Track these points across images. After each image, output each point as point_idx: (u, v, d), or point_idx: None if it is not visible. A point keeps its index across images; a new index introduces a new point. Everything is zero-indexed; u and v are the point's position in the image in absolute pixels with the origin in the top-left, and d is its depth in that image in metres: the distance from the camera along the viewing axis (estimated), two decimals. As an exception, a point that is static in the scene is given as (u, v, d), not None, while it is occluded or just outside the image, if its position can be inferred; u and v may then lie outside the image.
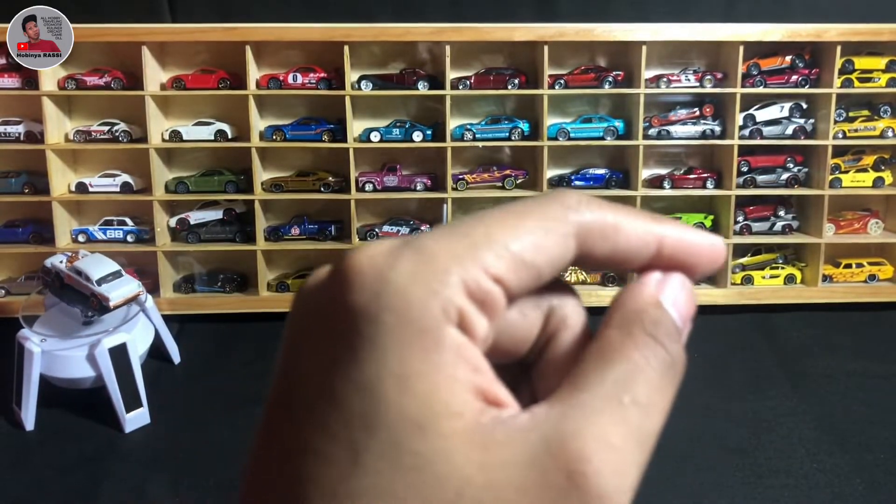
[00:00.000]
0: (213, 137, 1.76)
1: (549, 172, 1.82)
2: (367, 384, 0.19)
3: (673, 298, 0.24)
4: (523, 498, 0.19)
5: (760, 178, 1.82)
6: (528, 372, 0.25)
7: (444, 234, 0.21)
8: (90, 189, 1.76)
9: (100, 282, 1.36)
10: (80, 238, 1.78)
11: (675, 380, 0.23)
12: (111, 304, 1.34)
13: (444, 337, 0.20)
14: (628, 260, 0.24)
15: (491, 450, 0.19)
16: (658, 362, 0.22)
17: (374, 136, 1.77)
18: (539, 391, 0.23)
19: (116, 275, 1.38)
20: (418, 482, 0.19)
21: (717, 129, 1.80)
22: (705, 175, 1.82)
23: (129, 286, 1.36)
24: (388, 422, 0.19)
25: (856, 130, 1.81)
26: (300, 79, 1.74)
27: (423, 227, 1.82)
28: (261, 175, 1.79)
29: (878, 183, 1.84)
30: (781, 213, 1.86)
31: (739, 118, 1.77)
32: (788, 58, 1.78)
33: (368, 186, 1.80)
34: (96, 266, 1.39)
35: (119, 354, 1.35)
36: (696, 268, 0.24)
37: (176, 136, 1.75)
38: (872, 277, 1.87)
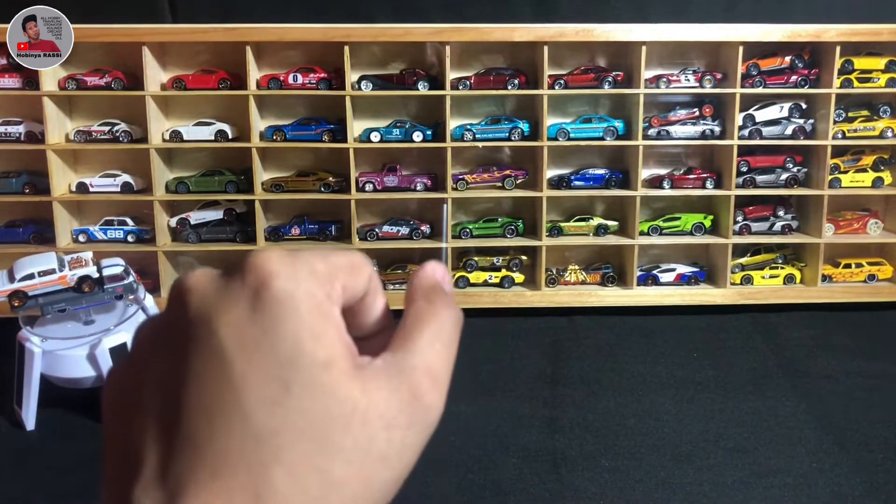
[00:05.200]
0: (213, 138, 1.76)
1: (549, 172, 1.82)
2: (293, 338, 0.29)
3: (444, 278, 0.36)
4: (388, 409, 0.30)
5: (760, 179, 1.83)
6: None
7: (319, 257, 0.32)
8: (91, 189, 1.76)
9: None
10: (81, 238, 1.78)
11: (460, 327, 0.35)
12: None
13: (334, 312, 0.31)
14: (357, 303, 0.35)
15: (366, 381, 0.30)
16: (452, 318, 0.34)
17: (374, 136, 1.77)
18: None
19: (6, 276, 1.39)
20: (328, 401, 0.28)
21: (717, 129, 1.80)
22: (705, 175, 1.82)
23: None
24: (307, 362, 0.28)
25: (855, 130, 1.81)
26: (300, 79, 1.74)
27: (423, 227, 1.83)
28: (261, 175, 1.80)
29: (877, 183, 1.84)
30: (781, 213, 1.86)
31: (739, 118, 1.77)
32: (788, 58, 1.78)
33: (368, 186, 1.80)
34: (24, 264, 1.40)
35: (120, 354, 1.35)
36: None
37: (176, 136, 1.75)
38: (872, 277, 1.87)
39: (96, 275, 1.41)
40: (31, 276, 1.37)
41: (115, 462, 0.30)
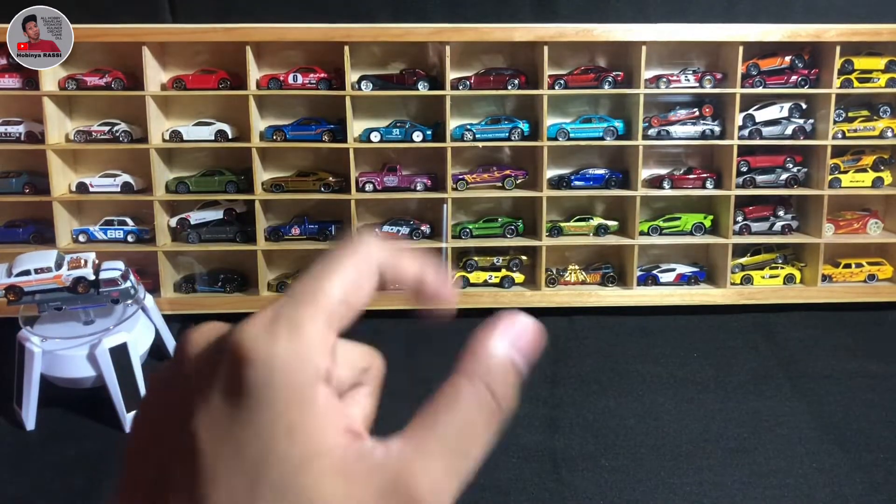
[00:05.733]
0: (213, 138, 1.76)
1: (549, 172, 1.82)
2: (267, 433, 0.26)
3: (513, 340, 0.30)
4: None
5: (760, 179, 1.83)
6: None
7: (299, 304, 0.28)
8: (91, 189, 1.76)
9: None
10: (81, 238, 1.78)
11: (498, 423, 0.29)
12: None
13: (316, 393, 0.27)
14: (404, 285, 0.32)
15: (353, 481, 0.26)
16: (488, 414, 0.28)
17: (374, 136, 1.77)
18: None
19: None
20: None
21: (717, 129, 1.80)
22: (705, 175, 1.82)
23: None
24: (278, 461, 0.26)
25: (855, 130, 1.81)
26: (300, 79, 1.74)
27: (423, 227, 1.83)
28: (261, 175, 1.80)
29: (877, 183, 1.84)
30: (781, 213, 1.86)
31: (739, 118, 1.78)
32: (788, 58, 1.78)
33: (368, 186, 1.80)
34: (23, 260, 1.42)
35: (119, 354, 1.35)
36: (434, 297, 0.33)
37: (176, 136, 1.75)
38: (872, 277, 1.87)
39: (92, 277, 1.41)
40: (27, 273, 1.38)
41: None
